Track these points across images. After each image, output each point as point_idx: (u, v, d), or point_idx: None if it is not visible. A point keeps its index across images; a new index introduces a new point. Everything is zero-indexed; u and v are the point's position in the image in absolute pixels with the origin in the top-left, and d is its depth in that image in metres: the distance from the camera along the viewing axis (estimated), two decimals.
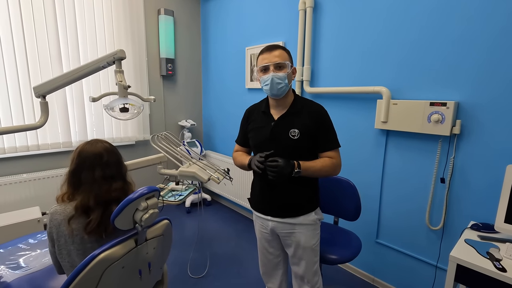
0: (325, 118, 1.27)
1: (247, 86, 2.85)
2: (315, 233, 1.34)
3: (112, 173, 1.08)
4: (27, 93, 2.31)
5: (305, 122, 1.23)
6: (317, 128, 1.23)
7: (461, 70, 1.52)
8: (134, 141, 3.02)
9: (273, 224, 1.34)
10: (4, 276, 1.30)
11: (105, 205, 1.04)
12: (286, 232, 1.33)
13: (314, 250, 1.34)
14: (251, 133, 1.37)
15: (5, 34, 2.18)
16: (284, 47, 1.27)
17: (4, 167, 2.33)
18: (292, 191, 1.28)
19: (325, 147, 1.25)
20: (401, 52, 1.74)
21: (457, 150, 1.58)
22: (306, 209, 1.30)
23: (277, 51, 1.21)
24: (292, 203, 1.29)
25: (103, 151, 1.08)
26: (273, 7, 2.50)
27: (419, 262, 1.80)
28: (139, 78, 2.94)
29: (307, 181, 1.28)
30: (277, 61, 1.19)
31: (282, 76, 1.20)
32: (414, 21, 1.66)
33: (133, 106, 1.25)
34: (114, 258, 0.93)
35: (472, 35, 1.47)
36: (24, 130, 1.39)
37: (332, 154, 1.25)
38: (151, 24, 3.01)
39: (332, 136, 1.27)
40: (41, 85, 1.29)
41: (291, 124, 1.24)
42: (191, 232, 2.75)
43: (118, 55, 1.19)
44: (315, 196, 1.35)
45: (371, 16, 1.85)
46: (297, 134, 1.22)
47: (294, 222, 1.30)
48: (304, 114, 1.25)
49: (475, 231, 1.39)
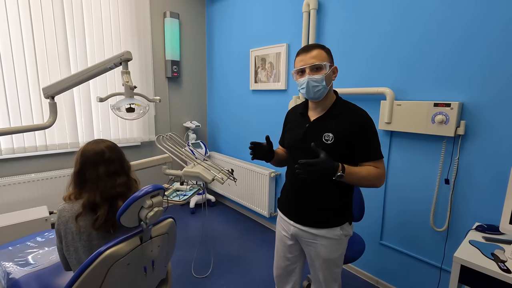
0: (368, 124, 1.14)
1: (251, 87, 2.86)
2: (338, 247, 1.23)
3: (115, 168, 1.10)
4: (36, 94, 2.36)
5: (342, 126, 1.13)
6: (357, 135, 1.12)
7: (465, 70, 1.52)
8: (140, 141, 3.05)
9: (295, 229, 1.26)
10: (13, 273, 1.33)
11: (111, 201, 1.06)
12: (307, 241, 1.25)
13: (335, 262, 1.25)
14: (287, 134, 1.33)
15: (15, 36, 2.23)
16: (323, 46, 1.16)
17: (13, 167, 2.38)
18: (319, 200, 1.19)
19: (368, 157, 1.14)
20: (404, 53, 1.74)
21: (461, 151, 1.57)
22: (332, 222, 1.19)
23: (314, 51, 1.12)
24: (317, 214, 1.20)
25: (105, 148, 1.11)
26: (277, 9, 2.52)
27: (424, 263, 1.79)
28: (145, 80, 2.98)
29: (338, 191, 1.18)
30: (314, 63, 1.11)
31: (319, 78, 1.11)
32: (417, 22, 1.67)
33: (139, 107, 1.28)
34: (119, 255, 0.95)
35: (475, 35, 1.47)
36: (33, 130, 1.43)
37: (375, 164, 1.14)
38: (157, 26, 3.05)
39: (376, 145, 1.15)
40: (50, 86, 1.32)
41: (326, 127, 1.15)
42: (195, 233, 2.77)
43: (124, 56, 1.21)
44: (344, 210, 1.22)
45: (374, 18, 1.86)
46: (331, 138, 1.13)
47: (317, 233, 1.20)
48: (343, 118, 1.15)
49: (480, 232, 1.38)
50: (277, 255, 1.41)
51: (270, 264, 2.26)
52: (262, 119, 2.82)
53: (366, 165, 1.14)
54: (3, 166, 2.33)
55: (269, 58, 2.62)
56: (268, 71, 2.66)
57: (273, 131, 2.71)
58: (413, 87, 1.72)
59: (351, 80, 2.03)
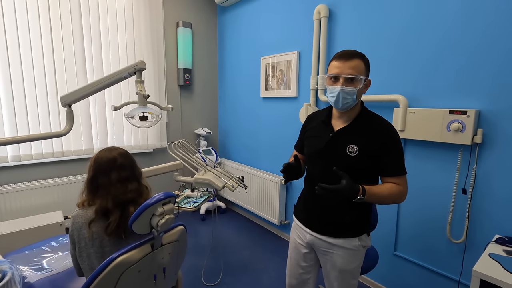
0: (393, 138, 1.11)
1: (262, 95, 2.88)
2: (356, 258, 1.19)
3: (127, 175, 1.12)
4: (53, 103, 2.45)
5: (367, 139, 1.10)
6: (382, 149, 1.09)
7: (482, 77, 1.48)
8: (152, 148, 3.10)
9: (311, 237, 1.23)
10: (28, 277, 1.36)
11: (122, 207, 1.08)
12: (323, 250, 1.22)
13: (352, 274, 1.21)
14: (307, 141, 1.28)
15: (36, 48, 2.33)
16: (363, 56, 1.11)
17: (31, 172, 2.45)
18: (337, 210, 1.16)
19: (391, 172, 1.11)
20: (418, 61, 1.72)
21: (479, 159, 1.52)
22: (350, 233, 1.16)
23: (353, 62, 1.06)
24: (334, 223, 1.17)
25: (117, 155, 1.13)
26: (288, 17, 2.54)
27: (441, 276, 1.73)
28: (158, 88, 3.04)
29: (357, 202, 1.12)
30: (350, 74, 1.06)
31: (352, 91, 1.07)
32: (432, 29, 1.64)
33: (152, 115, 1.30)
34: (131, 262, 0.96)
35: (492, 41, 1.43)
36: (51, 137, 1.48)
37: (398, 180, 1.10)
38: (170, 36, 3.13)
39: (400, 160, 1.12)
40: (68, 95, 1.36)
41: (351, 138, 1.11)
42: (206, 240, 2.77)
43: (139, 66, 1.24)
44: (363, 221, 1.19)
45: (386, 26, 1.85)
46: (355, 151, 1.09)
47: (334, 242, 1.17)
48: (368, 130, 1.11)
49: (500, 245, 1.32)
50: (290, 264, 1.37)
51: (281, 273, 2.22)
52: (273, 126, 2.82)
53: (388, 180, 1.12)
54: (21, 172, 2.41)
55: (280, 65, 2.63)
56: (279, 78, 2.67)
57: (283, 138, 2.71)
58: (427, 94, 1.69)
59: None
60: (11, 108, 2.27)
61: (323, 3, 2.17)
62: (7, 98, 2.25)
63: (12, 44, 2.23)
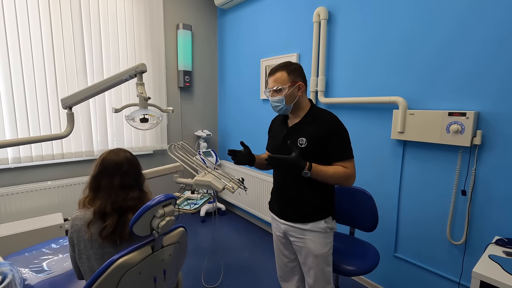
0: (337, 127, 1.27)
1: (261, 97, 2.88)
2: (326, 241, 1.33)
3: (130, 182, 1.12)
4: (54, 105, 2.45)
5: (314, 131, 1.27)
6: (327, 138, 1.24)
7: (481, 79, 1.49)
8: (152, 150, 3.10)
9: (285, 227, 1.39)
10: (28, 279, 1.36)
11: (121, 212, 1.08)
12: (297, 237, 1.35)
13: (325, 260, 1.34)
14: (269, 140, 1.51)
15: (36, 50, 2.34)
16: (287, 65, 1.31)
17: (31, 174, 2.46)
18: (302, 197, 1.32)
19: (337, 157, 1.26)
20: (417, 62, 1.72)
21: (478, 161, 1.53)
22: (316, 216, 1.31)
23: (276, 75, 1.29)
24: (301, 209, 1.32)
25: (124, 160, 1.13)
26: (288, 20, 2.55)
27: (440, 278, 1.73)
28: (158, 90, 3.04)
29: (318, 188, 1.30)
30: (274, 86, 1.29)
31: (280, 99, 1.28)
32: (431, 32, 1.65)
33: (153, 117, 1.31)
34: (131, 264, 0.96)
35: (491, 44, 1.44)
36: (52, 139, 1.48)
37: (345, 164, 1.25)
38: (170, 38, 3.14)
39: (344, 146, 1.27)
40: (68, 97, 1.37)
41: (300, 132, 1.30)
42: (206, 241, 2.77)
43: (139, 68, 1.25)
44: (326, 205, 1.34)
45: (386, 28, 1.86)
46: (304, 142, 1.27)
47: (304, 227, 1.32)
48: (315, 123, 1.29)
49: (500, 247, 1.32)
50: (276, 255, 1.54)
51: None
52: None
53: (336, 164, 1.25)
54: (22, 174, 2.41)
55: None
56: None
57: None
58: (426, 96, 1.70)
59: (362, 89, 2.02)
60: (11, 110, 2.27)
61: (323, 6, 2.18)
62: (8, 100, 2.25)
63: (13, 46, 2.23)
